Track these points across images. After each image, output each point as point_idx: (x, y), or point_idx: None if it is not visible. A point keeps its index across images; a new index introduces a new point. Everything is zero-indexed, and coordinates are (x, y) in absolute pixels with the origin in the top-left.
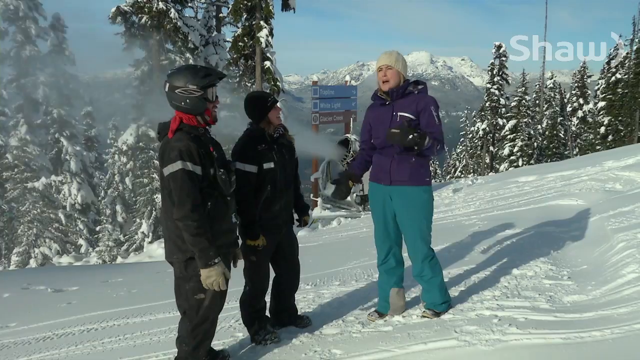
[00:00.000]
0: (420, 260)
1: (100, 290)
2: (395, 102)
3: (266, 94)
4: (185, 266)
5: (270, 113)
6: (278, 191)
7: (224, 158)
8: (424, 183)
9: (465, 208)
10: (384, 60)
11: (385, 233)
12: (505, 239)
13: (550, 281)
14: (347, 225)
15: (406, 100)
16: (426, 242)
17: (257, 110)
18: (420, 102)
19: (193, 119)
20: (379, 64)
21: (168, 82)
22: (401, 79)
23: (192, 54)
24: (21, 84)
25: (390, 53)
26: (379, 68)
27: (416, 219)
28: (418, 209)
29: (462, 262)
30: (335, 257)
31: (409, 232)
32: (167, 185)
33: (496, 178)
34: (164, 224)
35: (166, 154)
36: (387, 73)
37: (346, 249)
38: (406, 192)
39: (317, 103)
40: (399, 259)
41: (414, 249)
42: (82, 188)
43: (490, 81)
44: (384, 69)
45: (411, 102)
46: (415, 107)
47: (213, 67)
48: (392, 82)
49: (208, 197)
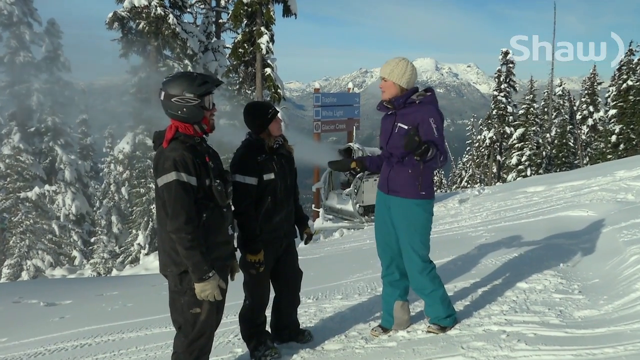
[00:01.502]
0: (417, 273)
1: (95, 304)
2: (398, 111)
3: (266, 105)
4: (179, 279)
5: (270, 125)
6: (279, 202)
7: (220, 168)
8: (418, 196)
9: (472, 219)
10: (381, 71)
11: (385, 243)
12: (513, 251)
13: (561, 295)
14: (349, 237)
15: (407, 110)
16: (420, 255)
17: (257, 122)
18: (418, 113)
19: (189, 128)
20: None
21: (164, 91)
22: (398, 90)
23: (191, 60)
24: (15, 91)
25: (387, 63)
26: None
27: (408, 232)
28: (410, 222)
29: (469, 275)
30: (337, 270)
31: (402, 244)
32: (161, 196)
33: (504, 188)
34: (158, 235)
35: (160, 164)
36: (383, 84)
37: (349, 262)
38: (400, 203)
39: (319, 111)
40: (402, 270)
41: (408, 262)
42: (76, 198)
43: (497, 88)
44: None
45: (411, 113)
46: (414, 118)
47: (211, 74)
48: (386, 94)
49: (203, 208)
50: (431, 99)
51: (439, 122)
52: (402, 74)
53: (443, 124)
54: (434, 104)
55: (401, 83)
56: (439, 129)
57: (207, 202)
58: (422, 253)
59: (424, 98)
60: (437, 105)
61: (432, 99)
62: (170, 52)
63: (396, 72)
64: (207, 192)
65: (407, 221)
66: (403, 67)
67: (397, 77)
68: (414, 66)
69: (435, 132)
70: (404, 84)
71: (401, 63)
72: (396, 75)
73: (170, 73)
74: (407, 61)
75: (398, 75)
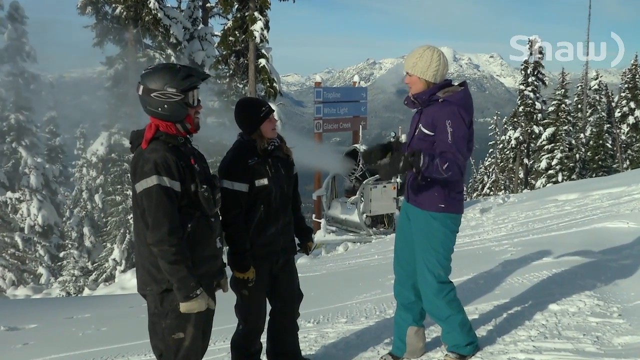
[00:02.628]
0: (432, 296)
1: (64, 329)
2: (425, 109)
3: (259, 102)
4: (160, 300)
5: (263, 125)
6: (273, 212)
7: (207, 172)
8: (436, 209)
9: (495, 231)
10: (405, 64)
11: (403, 257)
12: (543, 269)
13: (597, 319)
14: (355, 252)
15: (431, 109)
16: (436, 276)
17: (248, 121)
18: (437, 114)
19: (171, 127)
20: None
21: (142, 84)
22: (424, 85)
23: (175, 50)
24: None
25: (411, 55)
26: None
27: (424, 249)
28: (427, 237)
29: (492, 295)
30: (341, 290)
31: (417, 261)
32: (140, 203)
33: (531, 196)
34: (136, 249)
35: (139, 167)
36: (408, 79)
37: (355, 280)
38: (418, 215)
39: (320, 108)
40: (419, 291)
41: (423, 282)
42: (43, 207)
43: (523, 82)
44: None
45: (432, 113)
46: (434, 119)
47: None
48: (412, 90)
49: (188, 217)
50: (459, 98)
51: (459, 126)
52: (428, 66)
53: (467, 129)
54: (460, 105)
55: (427, 77)
56: (456, 135)
57: (193, 210)
58: (438, 273)
59: (450, 96)
60: (464, 105)
61: (460, 98)
62: (151, 40)
63: (420, 65)
64: (193, 198)
65: (424, 236)
66: (428, 57)
67: (422, 70)
68: (443, 56)
69: (449, 137)
70: (430, 77)
71: (426, 53)
72: (420, 68)
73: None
74: (434, 50)
75: (422, 68)
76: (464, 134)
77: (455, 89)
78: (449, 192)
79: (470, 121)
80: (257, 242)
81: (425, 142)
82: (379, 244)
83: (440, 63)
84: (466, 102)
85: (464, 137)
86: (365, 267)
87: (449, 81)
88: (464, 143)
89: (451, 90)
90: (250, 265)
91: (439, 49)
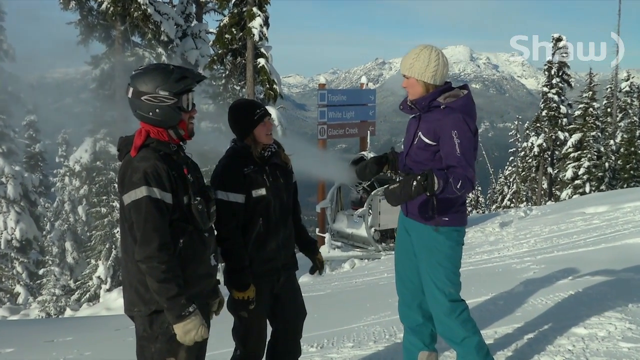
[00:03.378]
0: (444, 316)
1: (44, 353)
2: (424, 115)
3: (253, 104)
4: (149, 322)
5: (256, 129)
6: (273, 225)
7: (201, 183)
8: (440, 222)
9: (516, 247)
10: (401, 66)
11: (406, 275)
12: (569, 288)
13: (629, 344)
14: (362, 269)
15: (431, 115)
16: (446, 294)
17: (240, 125)
18: (439, 122)
19: (163, 133)
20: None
21: (132, 86)
22: (423, 88)
23: (166, 48)
24: None
25: (407, 56)
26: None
27: (430, 265)
28: (432, 252)
29: (513, 318)
30: (347, 311)
31: (424, 279)
32: (128, 216)
33: (556, 208)
34: (123, 266)
35: (127, 177)
36: (405, 82)
37: (362, 300)
38: (419, 229)
39: (324, 112)
40: (427, 312)
41: (432, 302)
42: (21, 219)
43: (547, 83)
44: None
45: (434, 120)
46: (435, 127)
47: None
48: (411, 94)
49: (180, 232)
50: (462, 105)
51: (466, 135)
52: (425, 67)
53: (473, 137)
54: (464, 112)
55: (425, 79)
56: (464, 146)
57: (185, 224)
58: (449, 291)
59: (452, 102)
60: (469, 112)
61: (463, 105)
62: (140, 38)
63: (417, 66)
64: (185, 212)
65: (429, 252)
66: (425, 58)
67: (419, 72)
68: (442, 55)
69: (457, 149)
70: (429, 79)
71: (423, 53)
72: (418, 69)
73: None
74: (432, 49)
75: (420, 70)
76: (471, 144)
77: (458, 94)
78: (453, 204)
79: (475, 129)
80: (256, 258)
81: (426, 152)
82: (389, 261)
83: (440, 63)
84: (470, 109)
85: (472, 148)
86: (374, 286)
87: (450, 84)
88: (473, 154)
89: (453, 95)
90: (250, 284)
91: (437, 48)
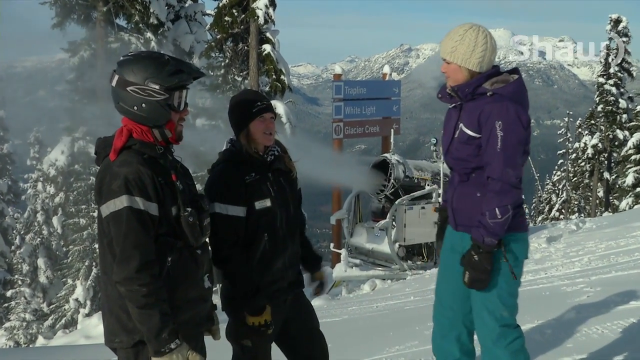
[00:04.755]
0: (491, 344)
1: None
2: (465, 104)
3: (256, 95)
4: (134, 355)
5: (252, 124)
6: (280, 240)
7: (192, 191)
8: None
9: (567, 266)
10: (441, 48)
11: (447, 301)
12: (630, 315)
13: None
14: (384, 291)
15: (475, 104)
16: (498, 318)
17: (234, 116)
18: (484, 111)
19: (148, 133)
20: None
21: (118, 74)
22: (466, 74)
23: (156, 33)
24: None
25: (447, 37)
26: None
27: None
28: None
29: (563, 349)
30: (367, 340)
31: (473, 301)
32: (107, 230)
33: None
34: (103, 289)
35: (105, 184)
36: (445, 67)
37: (384, 328)
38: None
39: (340, 107)
40: (466, 347)
41: (481, 327)
42: None
43: (603, 73)
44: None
45: (477, 110)
46: (478, 117)
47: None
48: (451, 80)
49: (168, 249)
50: (512, 91)
51: (513, 128)
52: (471, 52)
53: (523, 130)
54: (514, 100)
55: (470, 65)
56: (509, 140)
57: (174, 240)
58: (501, 314)
59: (501, 88)
60: (520, 100)
61: (514, 91)
62: (125, 21)
63: (461, 51)
64: (174, 225)
65: None
66: (471, 41)
67: (463, 57)
68: (490, 38)
69: (499, 143)
70: (474, 66)
71: (469, 35)
72: (461, 54)
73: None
74: (479, 31)
75: (464, 55)
76: (519, 139)
77: (507, 79)
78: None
79: (527, 121)
80: (261, 280)
81: (469, 147)
82: (416, 282)
83: (487, 47)
84: (522, 96)
85: (520, 143)
86: (399, 311)
87: (498, 68)
88: (519, 150)
89: (502, 80)
90: (266, 305)
91: (484, 28)
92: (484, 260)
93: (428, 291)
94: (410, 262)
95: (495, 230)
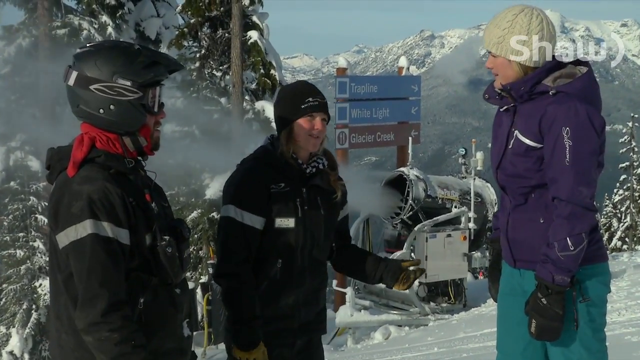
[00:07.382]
0: None
1: None
2: (522, 106)
3: (312, 89)
4: None
5: (297, 122)
6: (297, 272)
7: (169, 215)
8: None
9: (632, 310)
10: (485, 38)
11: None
12: None
13: None
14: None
15: (534, 105)
16: None
17: (279, 109)
18: (547, 116)
19: (116, 142)
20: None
21: (76, 70)
22: (518, 70)
23: (113, 16)
24: None
25: (494, 23)
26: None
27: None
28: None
29: None
30: None
31: (552, 355)
32: (65, 265)
33: None
34: (54, 339)
35: (64, 206)
36: (491, 62)
37: None
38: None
39: (345, 109)
40: None
41: None
42: None
43: None
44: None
45: (537, 113)
46: (539, 122)
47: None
48: (501, 78)
49: (140, 288)
50: (581, 88)
51: (584, 135)
52: (535, 38)
53: (597, 137)
54: (584, 99)
55: (524, 57)
56: (579, 151)
57: (147, 276)
58: None
59: (567, 85)
60: (591, 99)
61: (583, 88)
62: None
63: (512, 41)
64: (148, 257)
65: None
66: (523, 27)
67: (516, 48)
68: (546, 21)
69: (567, 155)
70: (531, 56)
71: (519, 20)
72: (511, 46)
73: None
74: (532, 13)
75: (519, 45)
76: (593, 149)
77: (573, 72)
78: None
79: (601, 125)
80: (266, 313)
81: (527, 160)
82: (441, 329)
83: (545, 34)
84: (593, 94)
85: (594, 153)
86: None
87: (556, 61)
88: (593, 163)
89: (567, 74)
90: (260, 341)
91: (539, 10)
92: (554, 303)
93: (455, 341)
94: (433, 304)
95: (567, 265)
